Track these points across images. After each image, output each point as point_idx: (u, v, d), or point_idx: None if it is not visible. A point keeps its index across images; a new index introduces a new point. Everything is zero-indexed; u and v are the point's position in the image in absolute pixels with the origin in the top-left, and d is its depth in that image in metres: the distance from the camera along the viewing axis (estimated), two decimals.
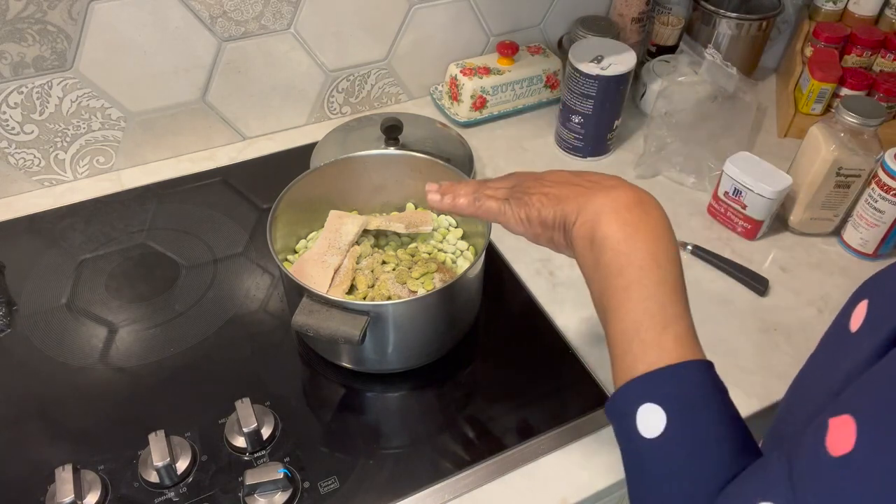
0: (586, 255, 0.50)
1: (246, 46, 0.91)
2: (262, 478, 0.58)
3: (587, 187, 0.51)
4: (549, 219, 0.53)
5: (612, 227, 0.48)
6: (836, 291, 0.82)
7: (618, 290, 0.46)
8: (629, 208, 0.48)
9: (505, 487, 0.63)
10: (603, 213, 0.48)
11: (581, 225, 0.50)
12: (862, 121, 0.79)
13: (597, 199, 0.49)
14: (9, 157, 0.86)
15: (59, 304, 0.77)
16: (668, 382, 0.43)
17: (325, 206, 0.78)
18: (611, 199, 0.49)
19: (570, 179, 0.53)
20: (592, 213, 0.49)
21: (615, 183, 0.51)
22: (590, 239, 0.49)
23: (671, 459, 0.42)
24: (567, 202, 0.51)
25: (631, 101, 1.09)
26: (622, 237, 0.47)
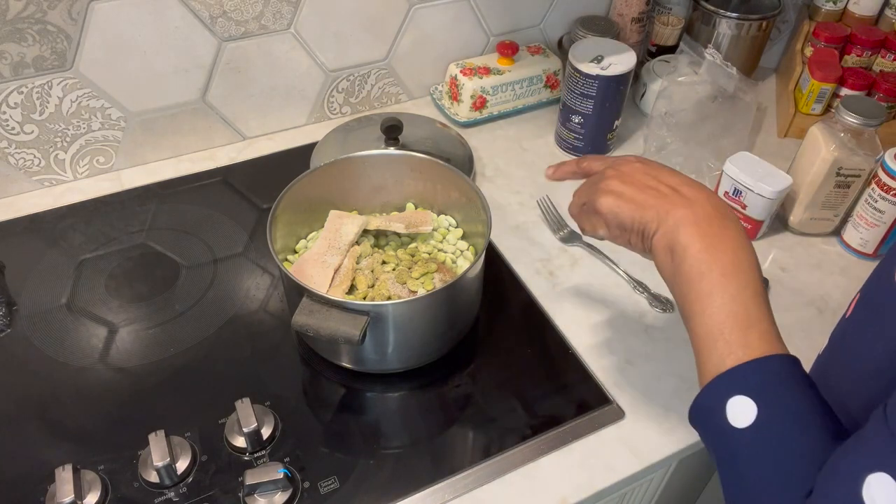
0: (667, 263, 0.51)
1: (246, 46, 0.91)
2: (262, 478, 0.58)
3: (665, 193, 0.52)
4: (626, 223, 0.53)
5: (693, 238, 0.49)
6: (836, 291, 0.82)
7: (700, 295, 0.48)
8: (710, 221, 0.50)
9: (505, 487, 0.63)
10: (684, 226, 0.50)
11: (662, 235, 0.51)
12: (862, 121, 0.79)
13: (677, 211, 0.51)
14: (9, 157, 0.86)
15: (59, 304, 0.77)
16: (755, 374, 0.44)
17: (325, 206, 0.78)
18: (691, 211, 0.50)
19: (647, 180, 0.54)
20: (673, 225, 0.50)
21: (694, 194, 0.52)
22: (670, 248, 0.50)
23: (765, 446, 0.42)
24: (647, 210, 0.52)
25: (631, 101, 1.09)
26: (703, 247, 0.49)
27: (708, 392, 0.45)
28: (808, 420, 0.42)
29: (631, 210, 0.53)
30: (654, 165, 0.56)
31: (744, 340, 0.45)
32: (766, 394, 0.43)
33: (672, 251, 0.50)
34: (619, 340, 0.75)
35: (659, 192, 0.52)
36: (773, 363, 0.44)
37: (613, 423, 0.67)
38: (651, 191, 0.53)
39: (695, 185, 0.53)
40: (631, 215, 0.53)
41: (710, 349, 0.46)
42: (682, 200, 0.51)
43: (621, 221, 0.54)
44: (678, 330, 0.76)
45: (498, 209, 0.91)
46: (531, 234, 0.88)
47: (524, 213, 0.90)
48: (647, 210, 0.52)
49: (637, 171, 0.55)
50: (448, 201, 0.80)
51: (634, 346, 0.75)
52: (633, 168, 0.55)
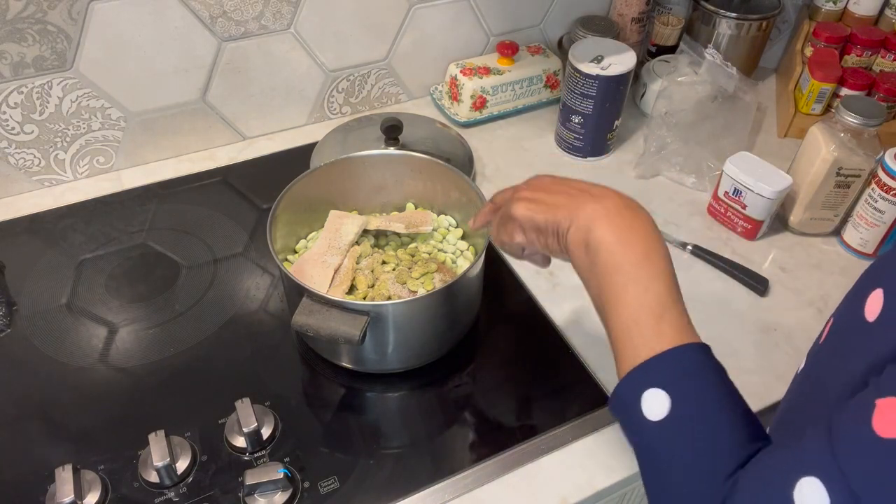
0: (582, 259, 0.52)
1: (246, 46, 0.91)
2: (262, 478, 0.58)
3: (575, 195, 0.53)
4: (541, 224, 0.55)
5: (605, 231, 0.50)
6: (836, 291, 0.82)
7: (615, 287, 0.49)
8: (620, 213, 0.51)
9: (505, 487, 0.63)
10: (595, 220, 0.51)
11: (575, 231, 0.52)
12: (862, 121, 0.79)
13: (588, 207, 0.52)
14: (9, 157, 0.86)
15: (59, 304, 0.77)
16: (666, 366, 0.45)
17: (325, 206, 0.78)
18: (602, 206, 0.51)
19: (556, 187, 0.56)
20: (585, 220, 0.51)
21: (603, 191, 0.53)
22: (584, 243, 0.51)
23: (681, 439, 0.43)
24: (559, 209, 0.53)
25: (631, 101, 1.09)
26: (615, 239, 0.50)
27: (623, 385, 0.46)
28: (722, 411, 0.43)
29: (543, 211, 0.54)
30: (562, 177, 0.58)
31: (657, 331, 0.46)
32: (678, 386, 0.44)
33: (587, 246, 0.51)
34: None
35: (569, 194, 0.54)
36: (684, 353, 0.45)
37: (613, 423, 0.67)
38: (561, 194, 0.54)
39: (603, 186, 0.54)
40: (544, 216, 0.54)
41: (626, 342, 0.47)
42: (592, 198, 0.52)
43: (536, 224, 0.55)
44: None
45: None
46: None
47: None
48: (559, 209, 0.53)
49: (546, 181, 0.57)
50: (448, 201, 0.80)
51: None
52: (541, 180, 0.58)
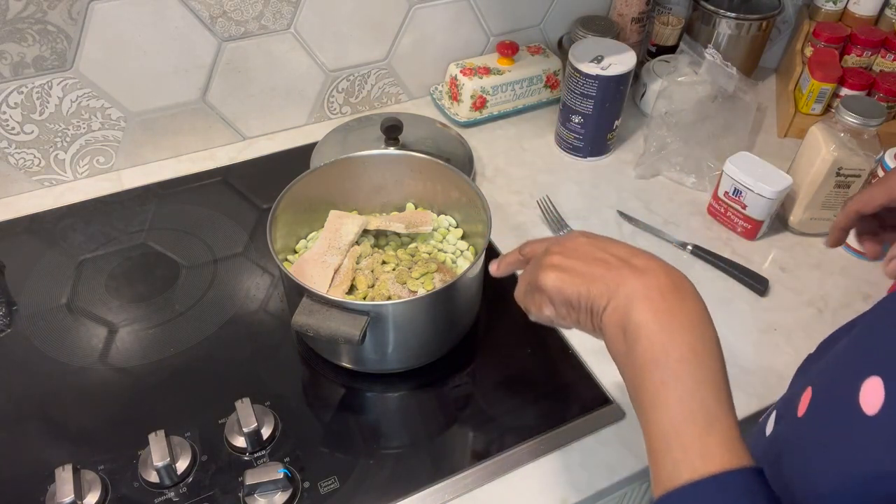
0: (619, 344, 0.45)
1: (246, 46, 0.91)
2: (262, 478, 0.58)
3: (614, 266, 0.46)
4: (573, 299, 0.48)
5: (646, 315, 0.43)
6: (836, 291, 0.82)
7: (654, 385, 0.42)
8: (664, 295, 0.44)
9: (505, 487, 0.63)
10: (635, 300, 0.44)
11: (613, 311, 0.45)
12: (862, 121, 0.79)
13: (628, 284, 0.45)
14: (9, 157, 0.86)
15: (59, 304, 0.77)
16: (711, 494, 0.38)
17: (325, 206, 0.78)
18: (643, 283, 0.44)
19: (593, 252, 0.48)
20: (624, 299, 0.44)
21: (647, 264, 0.46)
22: (622, 327, 0.44)
23: None
24: (594, 283, 0.46)
25: (631, 101, 1.09)
26: (657, 328, 0.43)
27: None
28: None
29: (577, 284, 0.47)
30: (600, 238, 0.50)
31: (702, 447, 0.39)
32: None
33: (624, 330, 0.44)
34: None
35: (607, 263, 0.47)
36: (732, 480, 0.38)
37: (613, 423, 0.67)
38: (598, 263, 0.47)
39: (647, 255, 0.47)
40: (577, 290, 0.47)
41: (665, 454, 0.41)
42: (633, 271, 0.45)
43: (567, 297, 0.48)
44: None
45: (498, 209, 0.91)
46: (531, 234, 0.88)
47: (524, 213, 0.90)
48: (594, 283, 0.46)
49: (582, 244, 0.50)
50: (448, 201, 0.80)
51: None
52: (577, 242, 0.50)
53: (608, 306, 0.45)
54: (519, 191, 0.94)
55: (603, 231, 0.87)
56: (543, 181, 0.96)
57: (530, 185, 0.95)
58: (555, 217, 0.89)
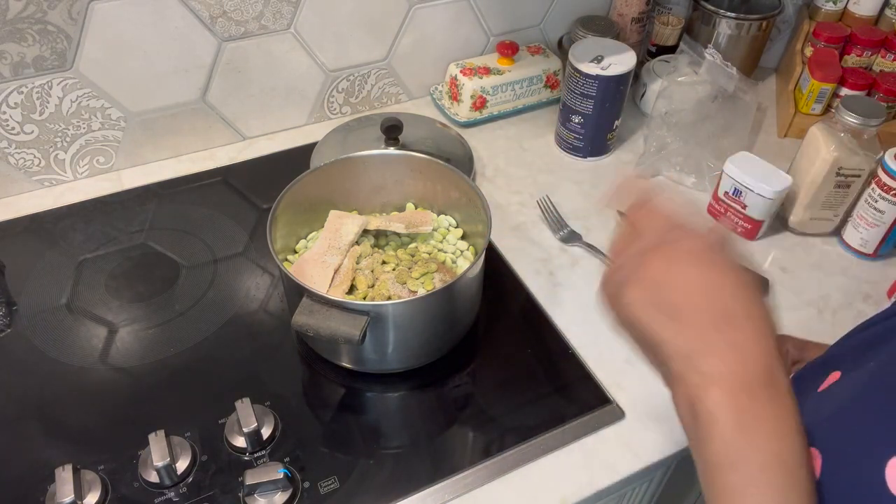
0: (687, 421, 0.39)
1: (246, 46, 0.91)
2: (262, 478, 0.58)
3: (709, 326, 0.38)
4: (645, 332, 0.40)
5: (723, 409, 0.36)
6: (836, 292, 0.82)
7: (727, 490, 0.36)
8: (752, 392, 0.36)
9: (505, 487, 0.63)
10: (714, 386, 0.37)
11: (686, 384, 0.38)
12: (862, 121, 0.79)
13: (713, 359, 0.37)
14: (9, 157, 0.86)
15: (59, 304, 0.77)
16: None
17: (325, 206, 0.78)
18: (731, 370, 0.37)
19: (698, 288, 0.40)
20: (702, 377, 0.37)
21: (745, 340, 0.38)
22: (692, 407, 0.37)
23: None
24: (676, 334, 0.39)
25: (631, 101, 1.09)
26: (736, 427, 0.36)
27: None
28: None
29: (655, 321, 0.39)
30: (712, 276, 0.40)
31: None
32: None
33: (694, 413, 0.37)
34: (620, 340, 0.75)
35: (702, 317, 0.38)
36: None
37: (613, 423, 0.67)
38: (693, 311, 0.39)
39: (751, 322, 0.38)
40: (652, 327, 0.39)
41: None
42: (728, 346, 0.37)
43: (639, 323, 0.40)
44: None
45: (498, 209, 0.91)
46: (531, 234, 0.88)
47: (524, 213, 0.90)
48: (676, 334, 0.38)
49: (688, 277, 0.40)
50: (448, 201, 0.80)
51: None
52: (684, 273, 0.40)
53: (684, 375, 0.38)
54: (519, 191, 0.94)
55: (603, 231, 0.88)
56: (543, 181, 0.96)
57: (530, 185, 0.95)
58: (555, 217, 0.89)
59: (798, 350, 0.63)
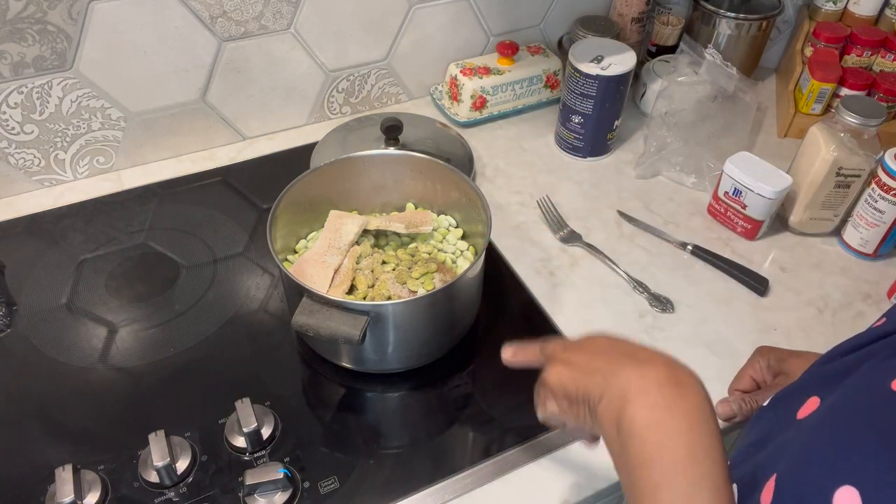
0: (613, 439, 0.43)
1: (246, 46, 0.91)
2: (262, 478, 0.58)
3: (615, 360, 0.45)
4: (571, 392, 0.47)
5: (640, 409, 0.41)
6: (836, 291, 0.82)
7: (648, 487, 0.39)
8: (661, 388, 0.41)
9: (505, 487, 0.63)
10: (630, 392, 0.42)
11: (606, 404, 0.43)
12: (862, 121, 0.79)
13: (623, 374, 0.43)
14: (9, 157, 0.86)
15: (59, 304, 0.77)
16: None
17: (325, 206, 0.78)
18: (639, 374, 0.42)
19: (602, 349, 0.47)
20: (619, 391, 0.42)
21: (648, 356, 0.44)
22: (616, 422, 0.42)
23: None
24: (592, 375, 0.45)
25: (631, 101, 1.09)
26: (651, 422, 0.40)
27: None
28: None
29: (575, 377, 0.46)
30: (617, 337, 0.48)
31: None
32: None
33: (618, 426, 0.41)
34: None
35: (610, 357, 0.45)
36: None
37: None
38: (601, 356, 0.45)
39: (654, 351, 0.45)
40: (575, 383, 0.46)
41: None
42: (632, 362, 0.43)
43: (567, 391, 0.47)
44: (678, 330, 0.76)
45: (498, 209, 0.91)
46: (531, 234, 0.88)
47: (524, 213, 0.90)
48: (592, 375, 0.45)
49: (594, 341, 0.48)
50: (448, 201, 0.80)
51: None
52: (592, 340, 0.49)
53: (603, 398, 0.43)
54: (519, 191, 0.94)
55: (603, 231, 0.88)
56: (543, 181, 0.96)
57: (530, 185, 0.95)
58: (555, 217, 0.89)
59: (778, 361, 0.64)
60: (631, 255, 0.85)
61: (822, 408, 0.38)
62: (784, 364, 0.62)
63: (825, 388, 0.40)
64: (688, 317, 0.78)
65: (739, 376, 0.66)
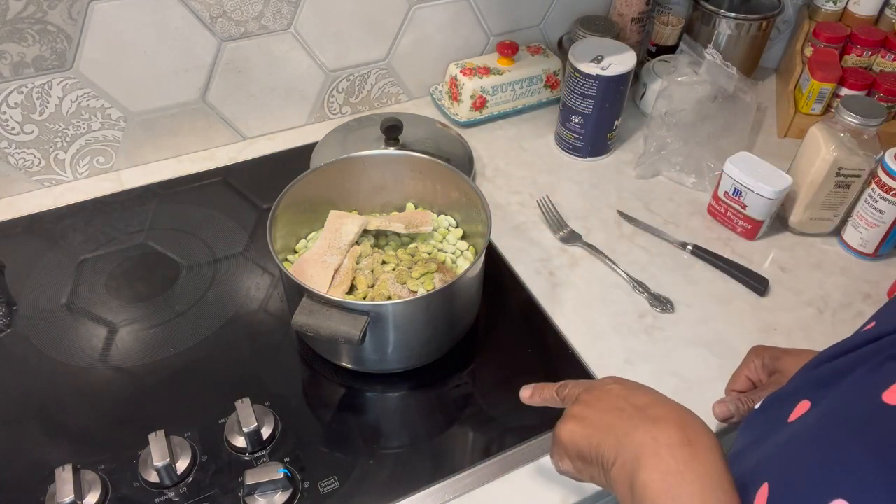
0: (627, 501, 0.43)
1: (246, 46, 0.91)
2: (262, 478, 0.58)
3: (629, 416, 0.45)
4: (584, 452, 0.47)
5: (652, 474, 0.41)
6: (836, 291, 0.82)
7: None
8: (673, 450, 0.41)
9: (505, 487, 0.63)
10: (643, 456, 0.42)
11: (620, 467, 0.43)
12: (862, 121, 0.79)
13: (636, 436, 0.43)
14: (9, 157, 0.86)
15: (59, 304, 0.77)
16: None
17: (325, 206, 0.78)
18: (652, 437, 0.42)
19: (613, 401, 0.47)
20: (632, 454, 0.42)
21: (661, 413, 0.44)
22: (629, 486, 0.42)
23: None
24: (606, 435, 0.45)
25: (631, 101, 1.09)
26: (664, 488, 0.40)
27: None
28: None
29: (588, 436, 0.46)
30: (630, 385, 0.48)
31: None
32: None
33: (632, 490, 0.42)
34: (619, 340, 0.75)
35: (622, 413, 0.45)
36: None
37: None
38: (614, 412, 0.45)
39: (668, 404, 0.45)
40: (588, 442, 0.46)
41: None
42: (645, 422, 0.43)
43: (580, 450, 0.47)
44: (678, 330, 0.76)
45: (498, 209, 0.91)
46: (531, 234, 0.88)
47: (524, 213, 0.91)
48: (606, 435, 0.45)
49: (608, 392, 0.48)
50: (448, 201, 0.80)
51: (634, 346, 0.75)
52: (604, 390, 0.49)
53: (616, 461, 0.43)
54: (519, 191, 0.94)
55: (603, 231, 0.88)
56: (543, 181, 0.96)
57: (530, 185, 0.95)
58: (555, 217, 0.89)
59: (772, 360, 0.63)
60: (631, 255, 0.85)
61: (813, 413, 0.38)
62: (778, 362, 0.62)
63: (816, 392, 0.40)
64: (688, 317, 0.78)
65: (735, 377, 0.66)
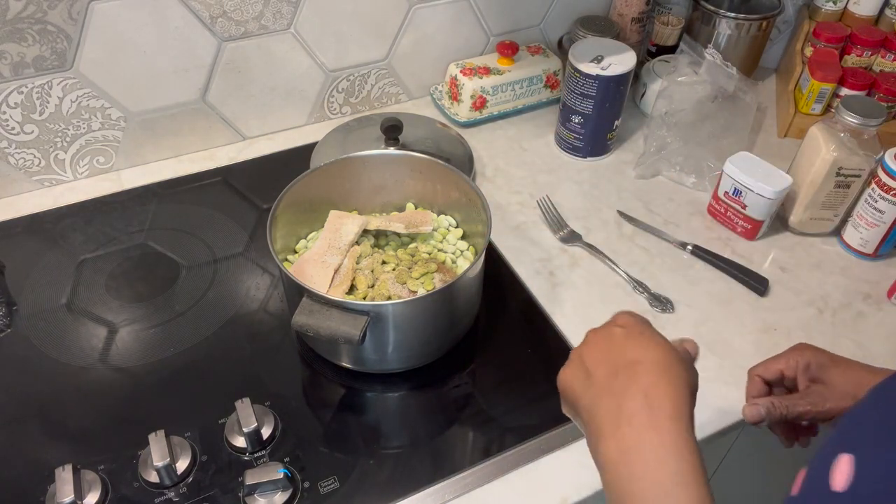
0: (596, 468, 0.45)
1: (246, 46, 0.91)
2: (262, 478, 0.58)
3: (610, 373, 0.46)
4: (570, 402, 0.49)
5: (609, 447, 0.42)
6: (836, 291, 0.82)
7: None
8: (631, 419, 0.42)
9: (505, 487, 0.63)
10: (605, 427, 0.43)
11: (588, 435, 0.45)
12: (862, 121, 0.79)
13: (602, 405, 0.44)
14: (9, 157, 0.86)
15: (59, 304, 0.77)
16: None
17: (325, 206, 0.78)
18: (615, 409, 0.43)
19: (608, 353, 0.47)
20: (596, 427, 0.44)
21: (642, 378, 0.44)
22: (593, 453, 0.45)
23: None
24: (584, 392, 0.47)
25: (631, 101, 1.09)
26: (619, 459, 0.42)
27: None
28: None
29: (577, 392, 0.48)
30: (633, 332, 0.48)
31: None
32: None
33: (594, 456, 0.44)
34: None
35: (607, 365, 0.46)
36: None
37: None
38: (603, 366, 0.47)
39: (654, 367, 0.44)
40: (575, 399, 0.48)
41: None
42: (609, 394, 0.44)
43: (566, 399, 0.49)
44: (677, 330, 0.76)
45: (498, 209, 0.91)
46: (531, 234, 0.88)
47: (524, 213, 0.91)
48: (586, 393, 0.46)
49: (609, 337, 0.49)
50: (448, 201, 0.80)
51: None
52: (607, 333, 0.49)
53: (586, 428, 0.46)
54: (519, 191, 0.94)
55: (603, 231, 0.88)
56: (543, 181, 0.96)
57: (530, 185, 0.95)
58: (555, 217, 0.89)
59: (819, 367, 0.56)
60: (631, 255, 0.85)
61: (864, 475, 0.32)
62: (825, 372, 0.56)
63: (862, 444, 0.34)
64: (688, 317, 0.78)
65: (767, 365, 0.59)
